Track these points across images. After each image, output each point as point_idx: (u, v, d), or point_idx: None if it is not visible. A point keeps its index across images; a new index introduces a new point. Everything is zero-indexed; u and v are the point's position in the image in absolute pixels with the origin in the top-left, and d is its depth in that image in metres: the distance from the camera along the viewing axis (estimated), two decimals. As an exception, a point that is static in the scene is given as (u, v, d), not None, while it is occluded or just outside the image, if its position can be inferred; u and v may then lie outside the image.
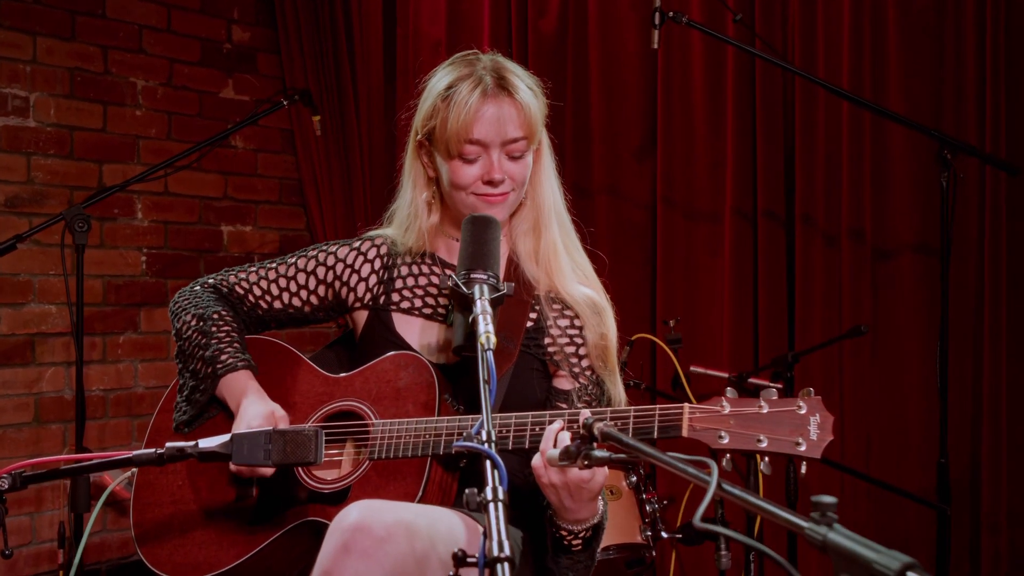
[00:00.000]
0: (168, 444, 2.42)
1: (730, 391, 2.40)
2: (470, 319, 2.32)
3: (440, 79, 2.82)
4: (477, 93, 2.72)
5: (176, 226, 6.01)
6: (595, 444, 2.18)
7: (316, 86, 6.25)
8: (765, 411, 2.34)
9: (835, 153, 4.80)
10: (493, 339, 2.22)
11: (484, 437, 2.02)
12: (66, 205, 5.35)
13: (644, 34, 5.14)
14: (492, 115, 2.72)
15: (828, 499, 1.49)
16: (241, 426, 2.73)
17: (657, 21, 4.48)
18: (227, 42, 6.27)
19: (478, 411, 2.09)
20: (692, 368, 4.98)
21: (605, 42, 5.46)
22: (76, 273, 4.65)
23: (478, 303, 2.33)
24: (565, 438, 2.40)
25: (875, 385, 4.75)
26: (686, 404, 2.42)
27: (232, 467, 2.74)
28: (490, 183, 2.75)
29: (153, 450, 2.42)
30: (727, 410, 2.37)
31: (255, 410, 2.77)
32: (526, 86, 2.79)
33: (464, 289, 2.39)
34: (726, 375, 4.83)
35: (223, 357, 2.88)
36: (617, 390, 2.90)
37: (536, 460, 2.45)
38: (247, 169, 6.35)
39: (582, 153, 5.53)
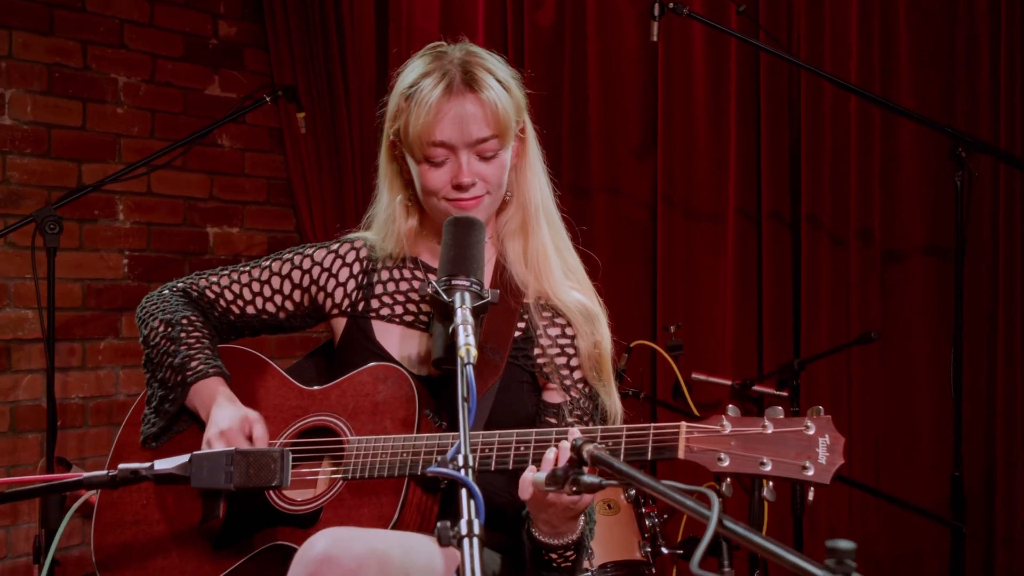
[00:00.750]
0: (121, 465, 2.29)
1: (732, 409, 2.25)
2: (450, 330, 2.20)
3: (406, 75, 2.70)
4: (439, 91, 2.59)
5: (160, 228, 5.86)
6: (584, 468, 2.00)
7: (305, 82, 6.14)
8: (769, 431, 2.19)
9: (842, 150, 4.74)
10: (474, 352, 2.08)
11: (460, 462, 1.84)
12: (43, 206, 5.13)
13: (644, 27, 5.07)
14: (455, 115, 2.58)
15: (845, 545, 1.31)
16: (212, 431, 2.61)
17: (656, 13, 4.42)
18: (213, 37, 6.12)
19: (461, 427, 1.95)
20: (694, 375, 4.93)
21: (604, 35, 5.41)
22: (48, 277, 4.50)
23: (458, 312, 2.21)
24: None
25: (884, 392, 4.67)
26: (683, 423, 2.27)
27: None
28: (459, 187, 2.62)
29: (105, 472, 2.27)
30: (728, 430, 2.23)
31: (225, 414, 2.65)
32: (496, 80, 2.65)
33: (444, 297, 2.27)
34: (729, 382, 4.81)
35: (193, 364, 2.75)
36: (612, 401, 2.76)
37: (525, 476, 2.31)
38: (234, 169, 6.21)
39: (580, 150, 5.47)
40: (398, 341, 2.77)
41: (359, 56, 6.16)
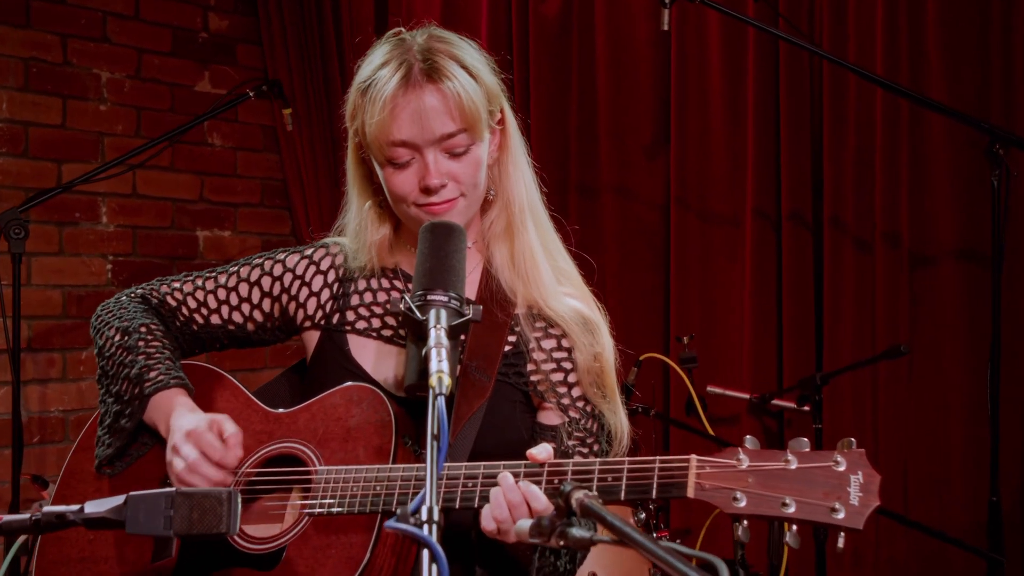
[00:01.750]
0: (46, 508, 2.03)
1: (750, 440, 1.98)
2: (423, 352, 1.96)
3: (364, 67, 2.46)
4: (394, 84, 2.34)
5: (146, 231, 5.74)
6: (574, 518, 1.73)
7: (301, 77, 6.03)
8: (793, 467, 1.92)
9: (868, 147, 4.56)
10: (447, 382, 1.85)
11: (424, 515, 1.58)
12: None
13: (655, 17, 4.96)
14: (413, 109, 2.34)
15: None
16: (176, 437, 2.38)
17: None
18: (203, 31, 6.01)
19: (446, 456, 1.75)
20: (709, 388, 4.75)
21: (613, 26, 5.26)
22: (12, 284, 4.39)
23: (432, 334, 1.98)
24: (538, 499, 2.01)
25: (913, 409, 4.50)
26: (693, 457, 2.00)
27: None
28: (427, 191, 2.38)
29: (27, 515, 2.01)
30: (745, 464, 1.95)
31: (189, 418, 2.41)
32: (461, 67, 2.40)
33: (417, 314, 2.05)
34: (746, 396, 4.67)
35: (152, 374, 2.52)
36: (617, 419, 2.52)
37: (488, 524, 2.11)
38: (225, 169, 6.09)
39: (588, 149, 5.33)
40: (375, 358, 2.54)
41: (357, 50, 5.90)
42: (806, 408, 4.35)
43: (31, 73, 5.28)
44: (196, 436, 2.36)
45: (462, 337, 2.16)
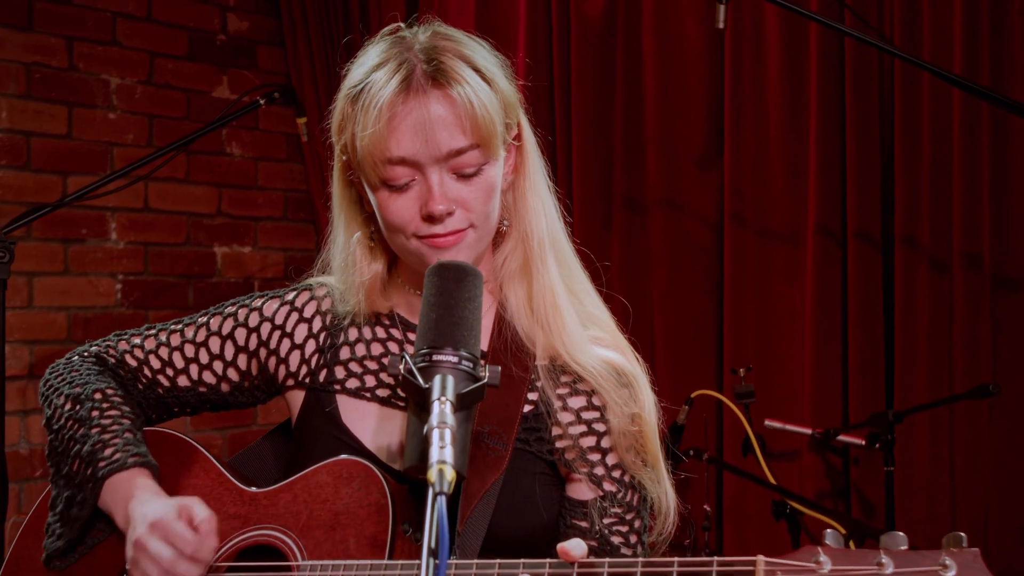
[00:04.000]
0: None
1: (831, 536, 1.62)
2: (425, 429, 1.66)
3: (355, 70, 2.15)
4: (392, 88, 2.02)
5: (159, 248, 5.63)
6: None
7: (326, 82, 5.88)
8: (889, 572, 1.55)
9: (944, 157, 4.34)
10: (450, 476, 1.55)
11: None
12: None
13: (707, 15, 4.79)
14: (415, 120, 2.01)
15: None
16: (139, 530, 2.05)
17: None
18: (221, 32, 5.92)
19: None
20: (767, 423, 4.46)
21: (662, 25, 5.05)
22: None
23: (435, 408, 1.67)
24: None
25: (995, 452, 4.24)
26: (760, 559, 1.63)
27: None
28: (430, 219, 2.04)
29: None
30: (826, 568, 1.57)
31: (153, 505, 2.09)
32: (473, 69, 2.08)
33: (420, 379, 1.75)
34: (808, 431, 4.37)
35: (107, 452, 2.19)
36: (662, 492, 2.20)
37: None
38: (245, 180, 5.99)
39: (634, 160, 5.11)
40: (369, 423, 2.22)
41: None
42: (876, 447, 4.05)
43: (34, 79, 5.20)
44: (164, 528, 2.04)
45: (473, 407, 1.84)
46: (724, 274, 4.87)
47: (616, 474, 2.16)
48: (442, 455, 1.56)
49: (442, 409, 1.66)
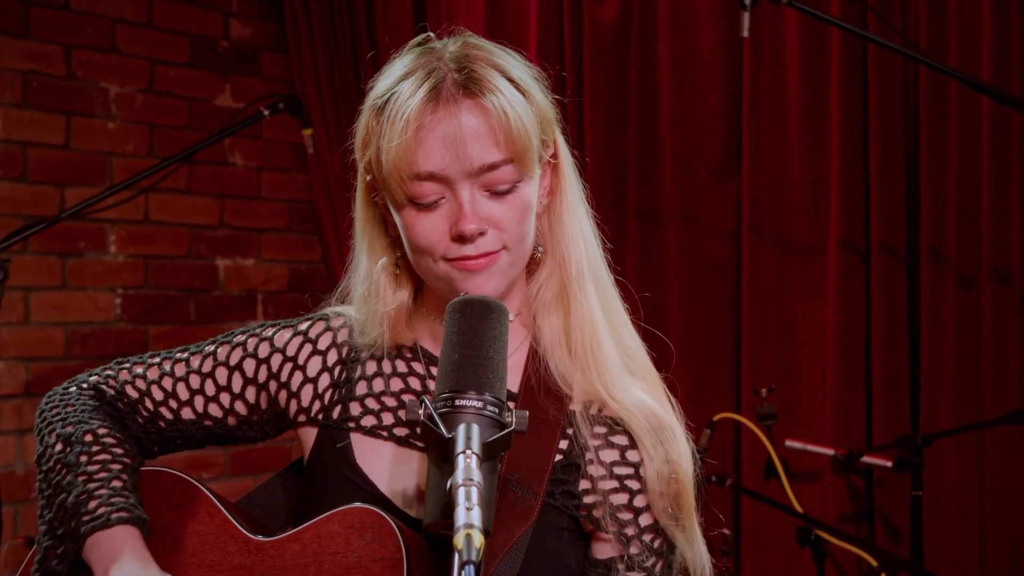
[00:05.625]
0: None
1: None
2: (448, 484, 1.55)
3: (380, 81, 2.03)
4: (421, 97, 1.91)
5: (159, 261, 5.58)
6: None
7: (331, 88, 5.87)
8: None
9: (972, 167, 4.27)
10: (478, 541, 1.43)
11: None
12: (18, 237, 5.03)
13: (725, 20, 4.78)
14: (445, 131, 1.90)
15: None
16: None
17: (748, 1, 3.98)
18: (223, 39, 5.88)
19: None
20: (788, 443, 4.41)
21: (677, 32, 5.00)
22: None
23: (460, 463, 1.56)
24: None
25: None
26: None
27: None
28: (460, 238, 1.92)
29: None
30: None
31: None
32: (507, 79, 1.97)
33: (442, 428, 1.64)
34: (831, 452, 4.34)
35: (91, 505, 2.04)
36: (695, 553, 2.08)
37: None
38: (248, 191, 5.96)
39: (649, 170, 5.05)
40: (385, 465, 2.10)
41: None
42: (903, 471, 4.01)
43: (30, 87, 5.15)
44: None
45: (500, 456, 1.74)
46: (742, 289, 4.82)
47: (647, 538, 2.05)
48: (469, 518, 1.45)
49: (467, 464, 1.55)
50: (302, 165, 6.07)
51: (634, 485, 2.03)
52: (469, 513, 1.46)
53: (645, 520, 2.03)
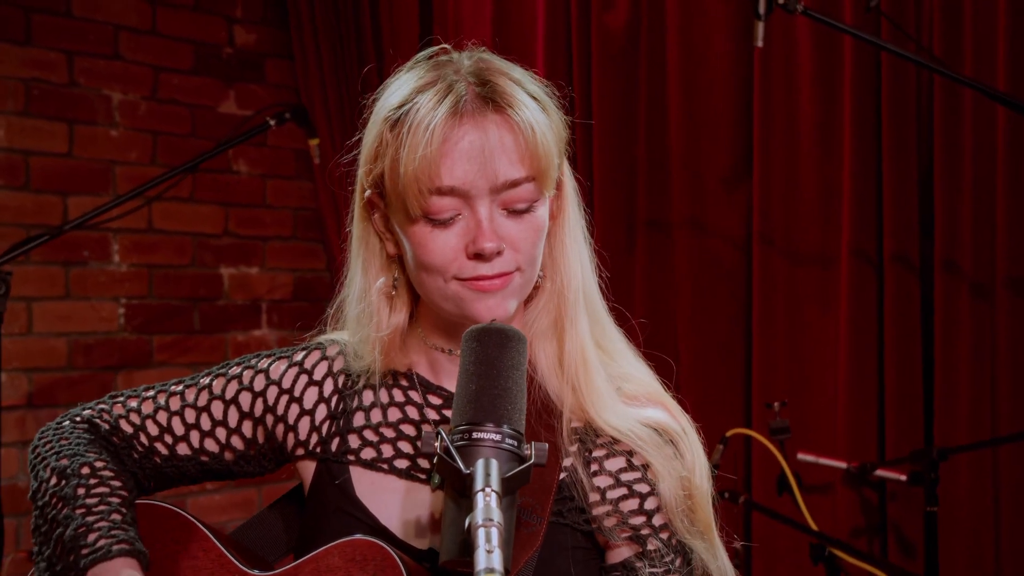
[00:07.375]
0: None
1: None
2: (467, 523, 1.50)
3: (390, 94, 1.98)
4: (444, 110, 1.85)
5: (163, 270, 5.56)
6: None
7: (336, 94, 5.87)
8: None
9: (987, 177, 4.24)
10: None
11: None
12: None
13: (735, 28, 4.75)
14: (472, 144, 1.85)
15: None
16: None
17: (763, 10, 3.92)
18: (227, 45, 5.86)
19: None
20: (800, 456, 4.37)
21: (687, 39, 4.97)
22: None
23: (479, 502, 1.52)
24: None
25: None
26: None
27: None
28: (479, 256, 1.87)
29: None
30: None
31: None
32: (530, 95, 1.93)
33: (460, 463, 1.60)
34: (844, 465, 4.30)
35: (90, 538, 2.00)
36: (718, 565, 2.03)
37: None
38: (253, 199, 5.94)
39: (657, 178, 5.02)
40: (386, 498, 2.06)
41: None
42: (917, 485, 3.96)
43: (32, 95, 5.13)
44: None
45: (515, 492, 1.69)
46: (753, 300, 4.79)
47: (664, 535, 2.00)
48: (490, 561, 1.42)
49: (487, 503, 1.51)
50: (307, 172, 6.06)
51: (643, 488, 1.99)
52: (490, 556, 1.43)
53: (659, 520, 1.99)
